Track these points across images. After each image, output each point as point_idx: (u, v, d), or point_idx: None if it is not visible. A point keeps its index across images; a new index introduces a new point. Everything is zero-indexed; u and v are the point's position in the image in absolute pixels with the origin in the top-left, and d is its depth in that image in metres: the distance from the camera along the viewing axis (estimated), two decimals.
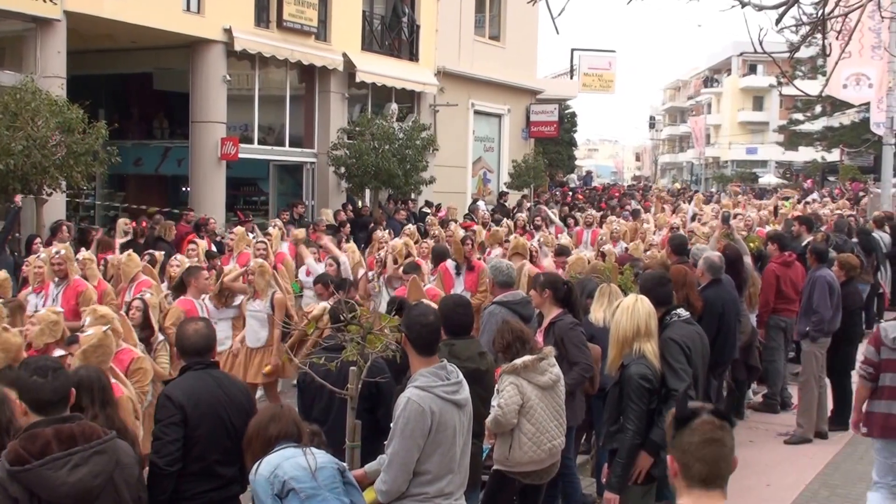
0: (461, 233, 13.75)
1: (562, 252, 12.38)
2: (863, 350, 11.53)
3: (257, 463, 4.37)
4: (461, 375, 5.00)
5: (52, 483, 3.75)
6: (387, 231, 14.97)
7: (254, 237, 14.68)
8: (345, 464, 4.54)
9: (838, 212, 21.75)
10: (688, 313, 6.75)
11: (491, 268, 8.64)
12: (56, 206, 15.78)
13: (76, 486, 3.78)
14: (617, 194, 34.56)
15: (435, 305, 6.09)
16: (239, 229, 13.79)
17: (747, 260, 10.91)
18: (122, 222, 15.21)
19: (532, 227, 17.44)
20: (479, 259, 12.49)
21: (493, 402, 6.12)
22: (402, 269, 10.73)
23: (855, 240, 15.27)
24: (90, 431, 3.94)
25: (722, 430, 3.15)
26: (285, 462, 4.29)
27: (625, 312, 5.96)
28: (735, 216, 16.53)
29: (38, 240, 13.22)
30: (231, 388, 5.28)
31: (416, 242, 13.26)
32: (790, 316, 10.96)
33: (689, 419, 3.15)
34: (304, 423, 4.68)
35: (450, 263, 11.96)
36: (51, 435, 3.83)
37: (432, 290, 10.10)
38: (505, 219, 18.85)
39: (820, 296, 10.03)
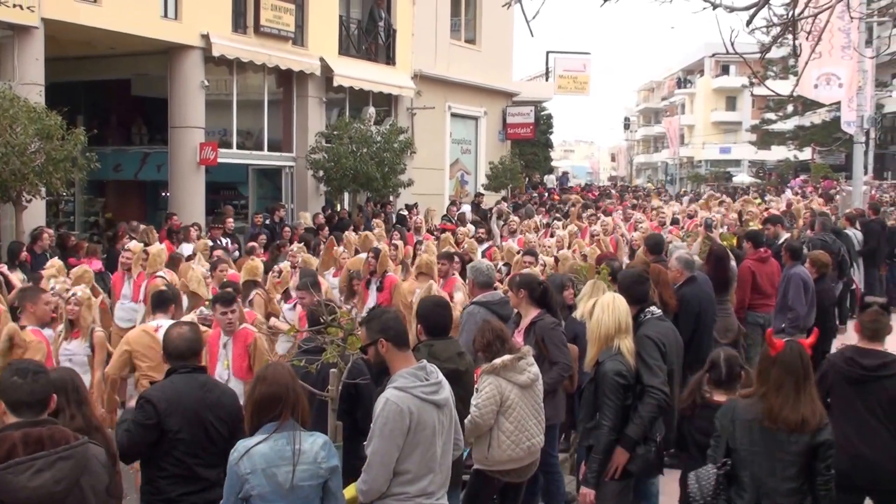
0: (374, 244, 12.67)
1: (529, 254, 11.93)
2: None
3: (244, 447, 4.39)
4: (441, 376, 5.05)
5: (13, 487, 3.72)
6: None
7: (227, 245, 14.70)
8: (334, 465, 4.54)
9: (812, 208, 22.02)
10: (661, 310, 6.88)
11: (470, 268, 8.78)
12: (36, 212, 15.71)
13: (37, 491, 3.75)
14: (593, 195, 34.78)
15: None
16: (134, 245, 12.31)
17: (731, 264, 11.09)
18: None
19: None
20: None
21: (473, 402, 6.18)
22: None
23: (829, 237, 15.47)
24: (60, 436, 3.92)
25: (880, 314, 6.42)
26: (264, 470, 4.32)
27: (606, 310, 6.09)
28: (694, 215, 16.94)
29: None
30: (215, 392, 5.30)
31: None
32: (767, 311, 11.11)
33: (867, 307, 6.55)
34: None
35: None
36: (18, 439, 3.82)
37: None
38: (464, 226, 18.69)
39: (795, 292, 10.19)
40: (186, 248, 14.96)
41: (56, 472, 3.81)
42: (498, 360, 6.22)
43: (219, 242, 15.94)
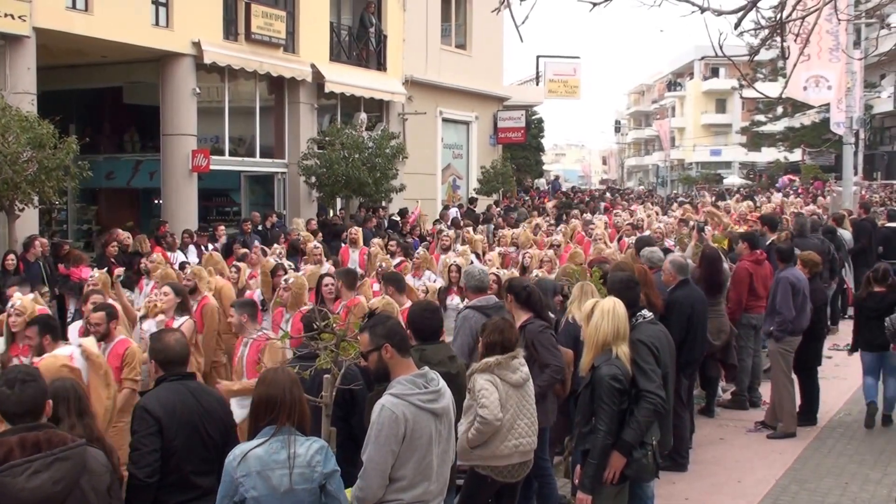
0: (271, 262, 11.73)
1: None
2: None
3: (240, 451, 4.39)
4: (442, 384, 5.03)
5: (12, 489, 3.75)
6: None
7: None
8: (331, 469, 4.51)
9: (801, 210, 22.11)
10: (651, 314, 6.90)
11: (464, 273, 8.79)
12: (29, 221, 15.70)
13: (35, 492, 3.78)
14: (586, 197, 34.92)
15: None
16: None
17: (724, 266, 11.12)
18: None
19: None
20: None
21: (478, 405, 6.14)
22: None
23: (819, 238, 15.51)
24: (57, 440, 3.95)
25: None
26: (259, 473, 4.32)
27: (605, 316, 6.07)
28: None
29: (10, 256, 13.14)
30: (207, 399, 5.28)
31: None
32: (760, 312, 11.12)
33: None
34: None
35: (257, 294, 10.86)
36: (14, 443, 3.85)
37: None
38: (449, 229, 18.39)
39: (782, 297, 10.20)
40: (179, 256, 14.98)
41: (54, 473, 3.84)
42: (491, 359, 6.22)
43: (204, 249, 15.94)
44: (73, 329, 9.16)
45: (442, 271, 12.75)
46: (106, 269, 11.52)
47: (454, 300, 10.94)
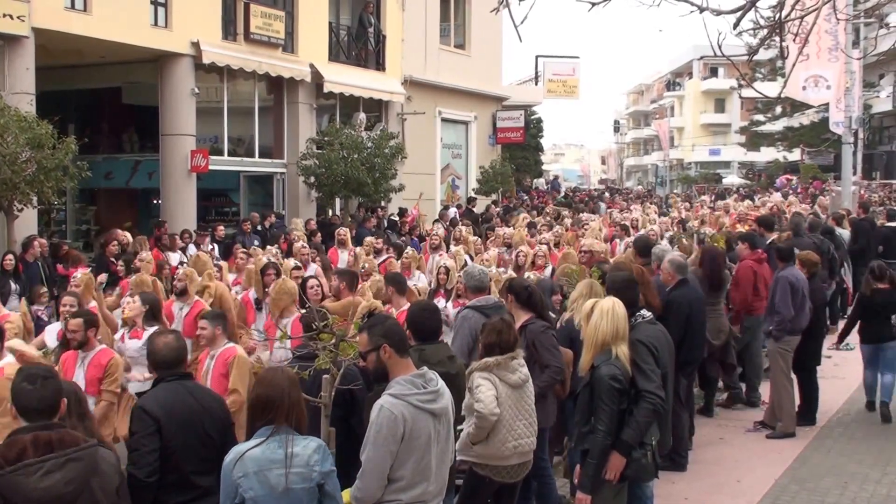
0: (263, 260, 11.53)
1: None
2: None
3: (237, 452, 4.40)
4: (441, 384, 5.01)
5: (24, 488, 3.78)
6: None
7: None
8: (329, 469, 4.53)
9: (798, 209, 22.10)
10: (650, 314, 6.89)
11: (463, 273, 8.77)
12: (27, 221, 15.71)
13: (47, 492, 3.81)
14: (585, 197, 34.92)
15: None
16: None
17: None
18: None
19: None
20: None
21: (475, 401, 6.16)
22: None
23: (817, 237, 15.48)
24: (69, 439, 3.97)
25: None
26: (256, 473, 4.33)
27: (605, 316, 6.06)
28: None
29: (9, 256, 13.14)
30: (205, 398, 5.29)
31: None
32: (763, 313, 11.13)
33: None
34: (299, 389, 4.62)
35: (252, 294, 10.77)
36: (28, 441, 3.87)
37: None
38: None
39: (781, 296, 10.21)
40: (174, 257, 14.97)
41: (66, 473, 3.87)
42: (491, 359, 6.23)
43: (203, 248, 15.93)
44: (52, 331, 9.01)
45: (431, 272, 12.72)
46: (90, 269, 11.51)
47: (440, 303, 10.87)
